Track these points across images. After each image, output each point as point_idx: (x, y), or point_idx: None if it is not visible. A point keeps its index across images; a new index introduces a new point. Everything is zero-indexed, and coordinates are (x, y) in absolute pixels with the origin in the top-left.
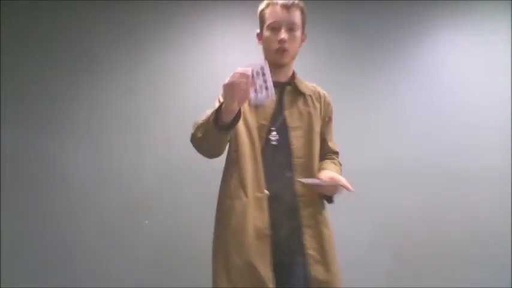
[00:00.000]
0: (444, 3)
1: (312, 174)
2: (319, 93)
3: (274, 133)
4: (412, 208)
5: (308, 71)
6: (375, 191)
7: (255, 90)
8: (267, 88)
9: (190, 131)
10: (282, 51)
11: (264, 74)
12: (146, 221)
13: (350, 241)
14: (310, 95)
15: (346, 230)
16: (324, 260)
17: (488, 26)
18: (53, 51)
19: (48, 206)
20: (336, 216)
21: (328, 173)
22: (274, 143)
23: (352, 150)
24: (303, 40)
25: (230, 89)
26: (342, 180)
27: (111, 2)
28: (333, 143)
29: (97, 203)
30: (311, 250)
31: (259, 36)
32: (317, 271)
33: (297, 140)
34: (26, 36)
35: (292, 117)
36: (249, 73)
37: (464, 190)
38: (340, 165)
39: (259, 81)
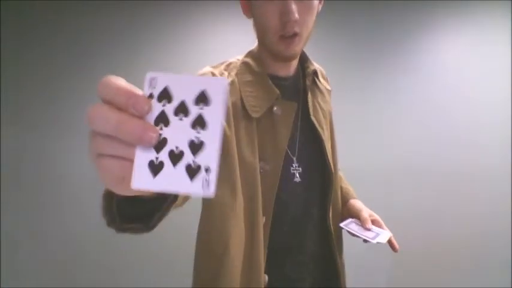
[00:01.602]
0: (444, 4)
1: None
2: (322, 72)
3: (295, 164)
4: (412, 207)
5: None
6: (374, 191)
7: (156, 163)
8: (204, 169)
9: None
10: (290, 38)
11: (204, 124)
12: None
13: (350, 241)
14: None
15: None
16: None
17: (488, 26)
18: (52, 51)
19: (48, 206)
20: None
21: (369, 214)
22: (297, 179)
23: (352, 150)
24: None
25: (90, 144)
26: (389, 231)
27: (111, 2)
28: None
29: (97, 202)
30: None
31: (246, 5)
32: None
33: (329, 157)
34: (26, 36)
35: (320, 124)
36: (144, 105)
37: (464, 189)
38: None
39: (179, 140)
